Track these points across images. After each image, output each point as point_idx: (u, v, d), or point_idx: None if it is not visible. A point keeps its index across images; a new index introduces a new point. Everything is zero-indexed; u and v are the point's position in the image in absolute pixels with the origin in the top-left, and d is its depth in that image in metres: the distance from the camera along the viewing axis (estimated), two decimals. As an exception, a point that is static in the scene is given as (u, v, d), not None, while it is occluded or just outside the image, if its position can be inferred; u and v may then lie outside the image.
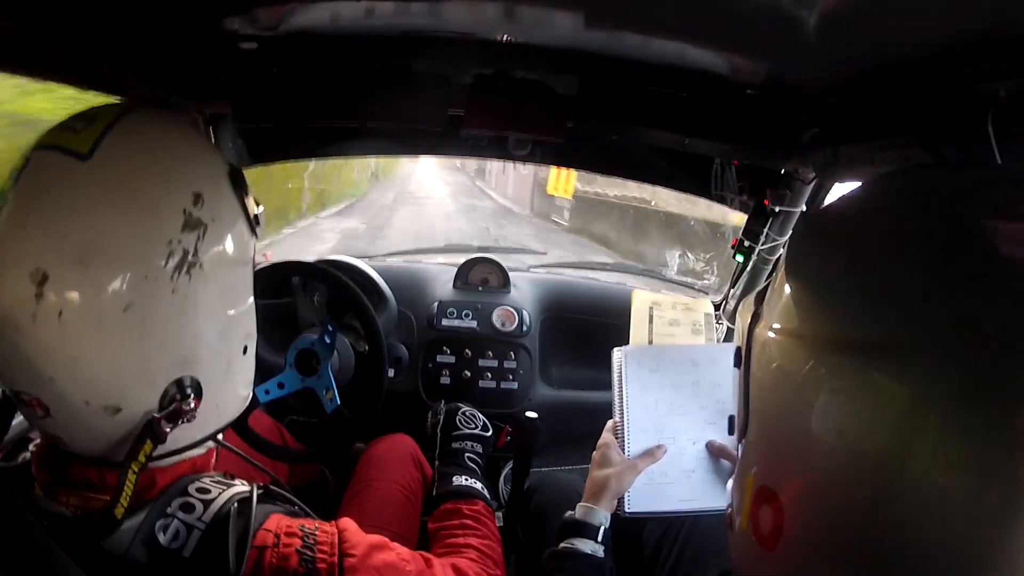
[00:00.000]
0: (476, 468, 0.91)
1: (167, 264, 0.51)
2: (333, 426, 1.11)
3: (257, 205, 0.62)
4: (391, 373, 1.38)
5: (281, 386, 1.12)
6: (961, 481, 0.35)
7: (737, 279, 1.31)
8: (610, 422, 0.86)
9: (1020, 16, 0.42)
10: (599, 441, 0.85)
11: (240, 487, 0.58)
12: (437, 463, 0.91)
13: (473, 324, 1.42)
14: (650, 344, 0.84)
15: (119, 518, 0.51)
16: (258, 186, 0.62)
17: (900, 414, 0.37)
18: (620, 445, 0.83)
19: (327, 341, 1.12)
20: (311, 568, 0.55)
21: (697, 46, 0.69)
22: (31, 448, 0.62)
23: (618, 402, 0.84)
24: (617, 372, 0.84)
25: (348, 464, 1.17)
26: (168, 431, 0.53)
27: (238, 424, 1.06)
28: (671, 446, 0.83)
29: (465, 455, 0.92)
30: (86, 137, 0.51)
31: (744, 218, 1.18)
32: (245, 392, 0.65)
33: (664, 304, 0.86)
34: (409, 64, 0.87)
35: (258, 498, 0.57)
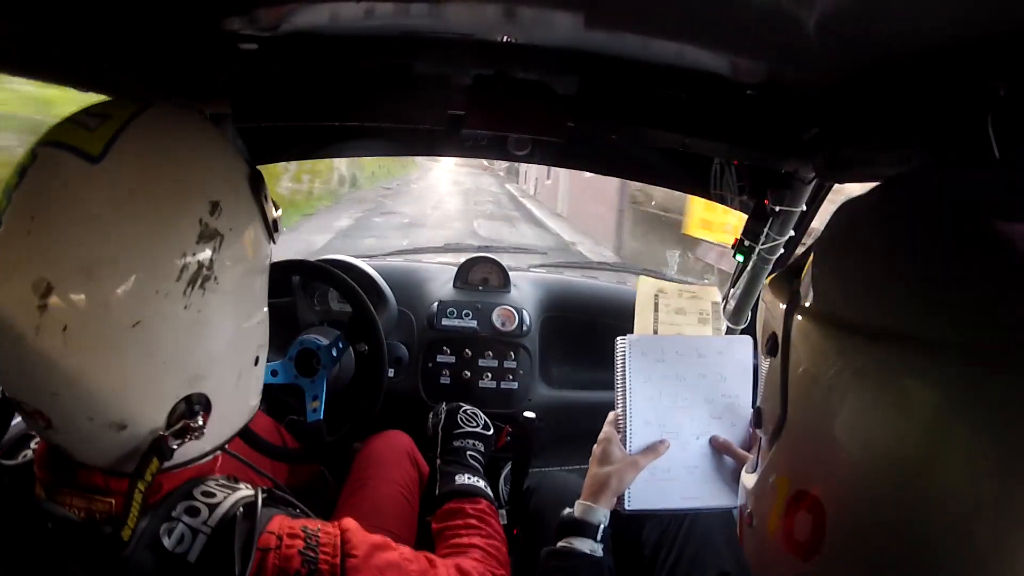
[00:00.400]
0: (478, 466, 0.90)
1: (180, 278, 0.49)
2: (308, 437, 1.10)
3: (276, 208, 0.60)
4: (391, 373, 1.38)
5: (275, 374, 1.11)
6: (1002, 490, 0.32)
7: (737, 279, 1.31)
8: (611, 414, 0.84)
9: (1020, 15, 0.42)
10: (600, 435, 0.83)
11: (245, 491, 0.58)
12: (439, 462, 0.91)
13: (473, 324, 1.42)
14: (655, 333, 0.82)
15: (126, 540, 0.50)
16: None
17: (959, 420, 0.34)
18: (622, 439, 0.81)
19: (334, 354, 1.12)
20: (313, 569, 0.54)
21: (697, 46, 0.69)
22: (33, 445, 0.62)
23: (621, 393, 0.82)
24: (621, 361, 0.82)
25: (347, 464, 1.16)
26: (175, 448, 0.52)
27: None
28: (674, 441, 0.81)
29: (467, 453, 0.91)
30: (98, 136, 0.48)
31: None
32: (254, 402, 0.63)
33: (670, 292, 0.84)
34: (409, 64, 0.87)
35: (262, 501, 0.57)
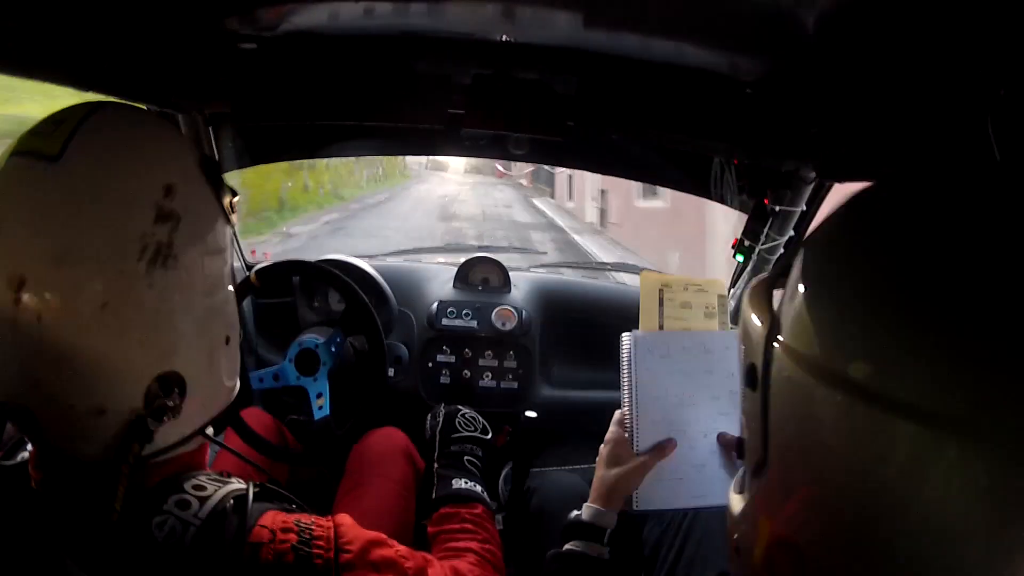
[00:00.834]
0: (476, 471, 0.90)
1: (142, 258, 0.51)
2: (318, 435, 1.10)
3: (233, 195, 0.62)
4: (391, 372, 1.38)
5: (276, 378, 1.11)
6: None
7: (737, 278, 1.31)
8: (618, 413, 0.82)
9: (1020, 15, 0.42)
10: (607, 436, 0.81)
11: (236, 484, 0.58)
12: (436, 466, 0.90)
13: (473, 324, 1.42)
14: (661, 329, 0.81)
15: (114, 520, 0.51)
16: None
17: (963, 478, 0.31)
18: (629, 439, 0.79)
19: (333, 350, 1.12)
20: (308, 563, 0.54)
21: (697, 45, 0.69)
22: (29, 446, 0.62)
23: (627, 391, 0.80)
24: (627, 358, 0.80)
25: (344, 462, 1.16)
26: (155, 429, 0.53)
27: (238, 424, 1.07)
28: (681, 439, 0.79)
29: (465, 458, 0.91)
30: (55, 139, 0.51)
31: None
32: (231, 383, 0.65)
33: (675, 286, 0.82)
34: (409, 64, 0.87)
35: (254, 495, 0.57)
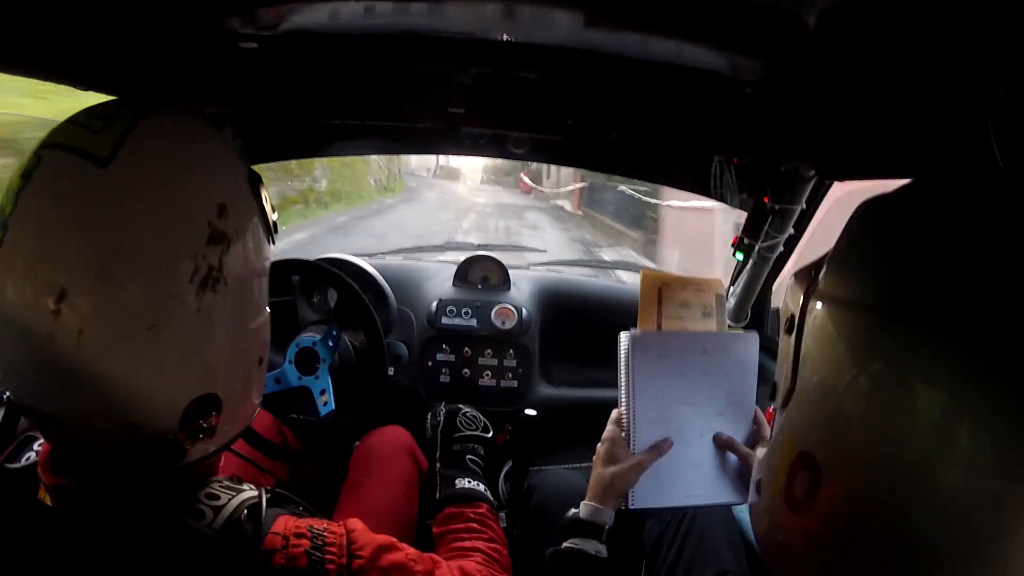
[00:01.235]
0: (478, 470, 0.90)
1: (192, 281, 0.49)
2: (326, 430, 1.11)
3: (273, 211, 0.60)
4: (391, 371, 1.38)
5: (279, 381, 1.12)
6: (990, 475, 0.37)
7: (737, 276, 1.31)
8: (615, 412, 0.83)
9: (1020, 15, 0.42)
10: (604, 434, 0.82)
11: (249, 492, 0.58)
12: (439, 466, 0.91)
13: (473, 322, 1.42)
14: (659, 328, 0.82)
15: (140, 535, 0.50)
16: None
17: (945, 394, 0.38)
18: (625, 437, 0.80)
19: (330, 344, 1.12)
20: (320, 569, 0.54)
21: (696, 45, 0.69)
22: (36, 447, 0.62)
23: (624, 391, 0.81)
24: (624, 358, 0.81)
25: (347, 461, 1.16)
26: (188, 449, 0.52)
27: None
28: (678, 438, 0.80)
29: (467, 457, 0.91)
30: (105, 139, 0.48)
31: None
32: (258, 400, 0.64)
33: (674, 285, 0.82)
34: (409, 63, 0.87)
35: (267, 502, 0.57)
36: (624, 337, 0.81)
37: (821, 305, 0.48)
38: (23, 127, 3.83)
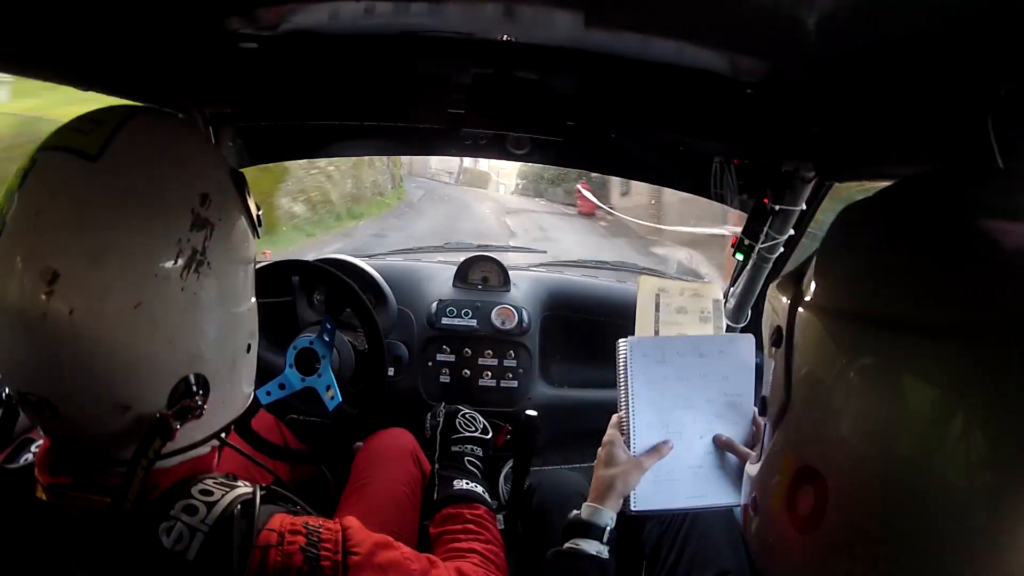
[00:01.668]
0: (477, 472, 0.90)
1: (177, 262, 0.52)
2: (336, 424, 1.11)
3: (257, 207, 0.63)
4: (391, 372, 1.38)
5: (282, 387, 1.12)
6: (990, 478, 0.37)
7: (737, 277, 1.31)
8: (615, 416, 0.84)
9: (1020, 15, 0.42)
10: (604, 438, 0.83)
11: (243, 488, 0.58)
12: (437, 466, 0.91)
13: (473, 323, 1.42)
14: (656, 333, 0.82)
15: (127, 510, 0.51)
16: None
17: (940, 400, 0.38)
18: (625, 441, 0.81)
19: (326, 339, 1.12)
20: (315, 566, 0.55)
21: (697, 45, 0.69)
22: (33, 449, 0.62)
23: (624, 395, 0.82)
24: (623, 364, 0.82)
25: (347, 462, 1.16)
26: (177, 428, 0.54)
27: (240, 425, 1.07)
28: (677, 441, 0.81)
29: (465, 458, 0.91)
30: (94, 138, 0.52)
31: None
32: (248, 390, 0.65)
33: (671, 290, 0.84)
34: (409, 64, 0.87)
35: (261, 499, 0.57)
36: (623, 343, 0.83)
37: (810, 315, 0.47)
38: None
